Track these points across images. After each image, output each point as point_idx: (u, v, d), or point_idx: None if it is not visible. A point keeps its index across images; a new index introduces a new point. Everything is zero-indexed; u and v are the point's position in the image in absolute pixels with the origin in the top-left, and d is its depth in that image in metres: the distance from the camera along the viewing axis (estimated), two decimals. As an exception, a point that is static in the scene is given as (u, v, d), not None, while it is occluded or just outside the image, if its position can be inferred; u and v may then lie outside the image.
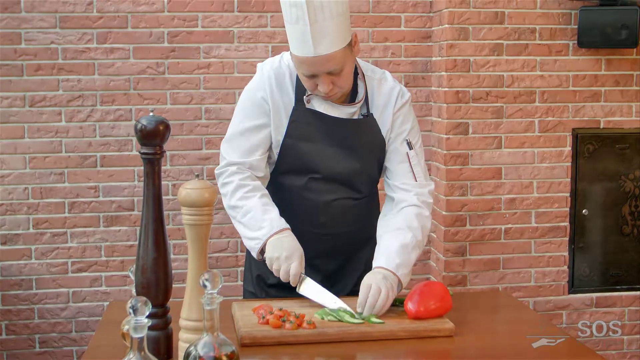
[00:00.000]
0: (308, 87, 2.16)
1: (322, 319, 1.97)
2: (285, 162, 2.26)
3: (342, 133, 2.22)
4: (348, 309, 2.02)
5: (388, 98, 2.26)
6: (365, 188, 2.32)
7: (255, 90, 2.24)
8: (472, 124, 3.65)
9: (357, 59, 2.24)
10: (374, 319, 1.99)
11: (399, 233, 2.18)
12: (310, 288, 2.09)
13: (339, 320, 1.97)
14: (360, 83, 2.24)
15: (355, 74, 2.22)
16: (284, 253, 2.08)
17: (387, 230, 2.22)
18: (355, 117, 2.24)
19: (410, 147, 2.27)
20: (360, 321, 1.98)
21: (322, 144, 2.22)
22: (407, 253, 2.15)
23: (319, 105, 2.20)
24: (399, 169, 2.28)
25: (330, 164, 2.24)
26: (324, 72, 2.07)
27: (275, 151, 2.26)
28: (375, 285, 2.02)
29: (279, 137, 2.23)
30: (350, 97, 2.24)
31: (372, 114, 2.25)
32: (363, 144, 2.25)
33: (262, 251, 2.15)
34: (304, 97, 2.20)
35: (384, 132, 2.26)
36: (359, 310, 2.01)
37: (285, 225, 2.15)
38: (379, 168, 2.33)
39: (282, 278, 2.09)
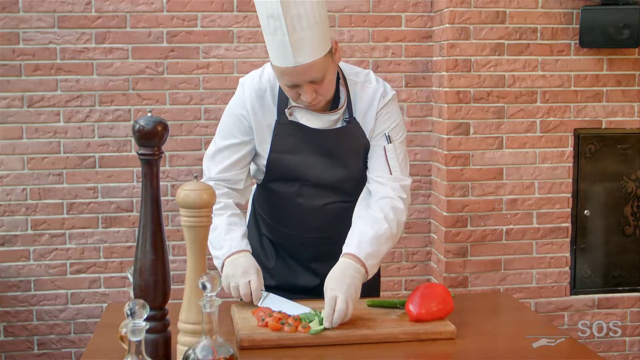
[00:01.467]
0: (291, 97, 2.13)
1: (309, 321, 1.95)
2: (274, 174, 2.26)
3: (326, 143, 2.21)
4: (312, 312, 1.99)
5: (371, 101, 2.23)
6: (356, 191, 2.30)
7: (236, 109, 2.23)
8: (473, 124, 3.64)
9: (340, 62, 2.22)
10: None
11: (375, 222, 2.15)
12: (273, 301, 2.08)
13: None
14: (341, 89, 2.22)
15: (337, 79, 2.19)
16: (240, 270, 2.08)
17: (363, 217, 2.19)
18: (339, 123, 2.22)
19: (389, 141, 2.23)
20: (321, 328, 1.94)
21: (307, 155, 2.22)
22: (379, 244, 2.12)
23: (301, 117, 2.18)
24: (375, 162, 2.25)
25: (317, 174, 2.23)
26: (306, 81, 2.04)
27: (263, 163, 2.25)
28: (340, 299, 1.96)
29: (264, 152, 2.23)
30: (332, 104, 2.21)
31: (355, 118, 2.22)
32: (348, 151, 2.24)
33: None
34: (286, 109, 2.18)
35: (367, 134, 2.24)
36: (326, 325, 1.95)
37: (245, 247, 2.15)
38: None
39: (242, 294, 2.07)
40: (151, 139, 1.67)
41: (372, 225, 2.14)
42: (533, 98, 3.67)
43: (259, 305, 2.07)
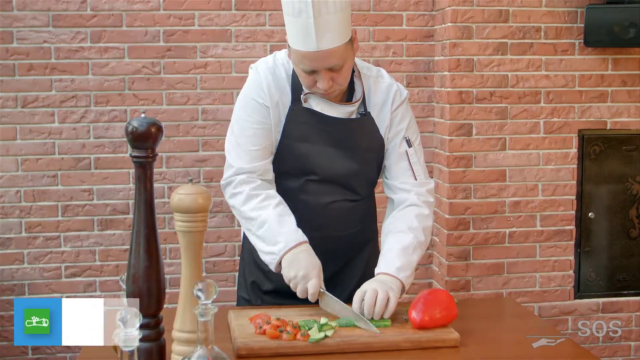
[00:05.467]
0: (306, 84, 2.11)
1: (308, 328, 1.91)
2: (282, 164, 2.21)
3: (340, 133, 2.18)
4: (371, 326, 1.96)
5: (386, 96, 2.23)
6: (363, 190, 2.28)
7: (254, 93, 2.18)
8: (475, 125, 3.61)
9: None
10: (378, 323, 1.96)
11: (399, 236, 2.16)
12: (331, 303, 2.04)
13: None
14: (357, 81, 2.21)
15: (352, 72, 2.18)
16: (301, 272, 2.02)
17: (388, 235, 2.21)
18: (353, 116, 2.20)
19: (410, 145, 2.24)
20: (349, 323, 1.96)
21: (319, 145, 2.18)
22: (408, 255, 2.13)
23: (316, 105, 2.16)
24: (398, 168, 2.25)
25: (327, 165, 2.19)
26: (325, 67, 2.03)
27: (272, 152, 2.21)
28: (370, 290, 2.00)
29: (276, 137, 2.18)
30: (347, 96, 2.20)
31: (369, 112, 2.21)
32: (362, 144, 2.21)
33: (280, 263, 2.09)
34: (301, 95, 2.16)
35: (382, 131, 2.23)
36: (367, 315, 1.99)
37: (302, 238, 2.09)
38: (378, 169, 2.30)
39: (301, 296, 2.04)
40: (144, 141, 1.65)
41: (397, 239, 2.16)
42: (537, 98, 3.64)
43: (319, 305, 2.04)
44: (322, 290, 2.03)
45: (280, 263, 2.07)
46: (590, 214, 3.75)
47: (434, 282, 3.86)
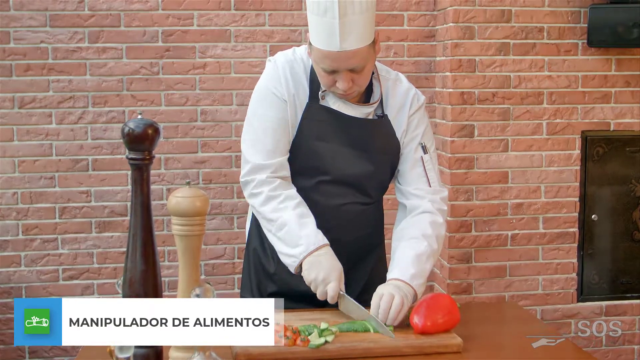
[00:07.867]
0: (325, 84, 2.09)
1: (308, 334, 1.89)
2: (295, 162, 2.18)
3: (356, 133, 2.16)
4: (387, 329, 1.94)
5: (404, 100, 2.21)
6: (375, 193, 2.26)
7: (271, 85, 2.15)
8: (477, 126, 3.59)
9: None
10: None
11: (413, 242, 2.14)
12: (350, 307, 2.03)
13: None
14: (375, 83, 2.19)
15: (372, 73, 2.16)
16: (321, 274, 2.01)
17: (401, 240, 2.18)
18: (370, 117, 2.18)
19: (425, 151, 2.23)
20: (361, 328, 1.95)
21: (335, 144, 2.16)
22: (421, 263, 2.10)
23: (333, 103, 2.14)
24: (413, 174, 2.23)
25: (342, 166, 2.17)
26: (346, 68, 2.01)
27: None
28: (387, 294, 1.98)
29: (292, 130, 2.15)
30: (365, 97, 2.18)
31: (386, 115, 2.19)
32: (377, 146, 2.19)
33: (300, 265, 2.08)
34: (319, 93, 2.13)
35: (398, 135, 2.21)
36: (382, 318, 1.98)
37: (323, 241, 2.07)
38: (391, 173, 2.27)
39: (320, 298, 2.03)
40: (141, 142, 1.62)
41: (411, 246, 2.13)
42: (539, 99, 3.62)
43: (339, 307, 2.05)
44: (341, 292, 2.02)
45: (300, 265, 2.06)
46: (593, 216, 3.72)
47: (436, 284, 3.83)
